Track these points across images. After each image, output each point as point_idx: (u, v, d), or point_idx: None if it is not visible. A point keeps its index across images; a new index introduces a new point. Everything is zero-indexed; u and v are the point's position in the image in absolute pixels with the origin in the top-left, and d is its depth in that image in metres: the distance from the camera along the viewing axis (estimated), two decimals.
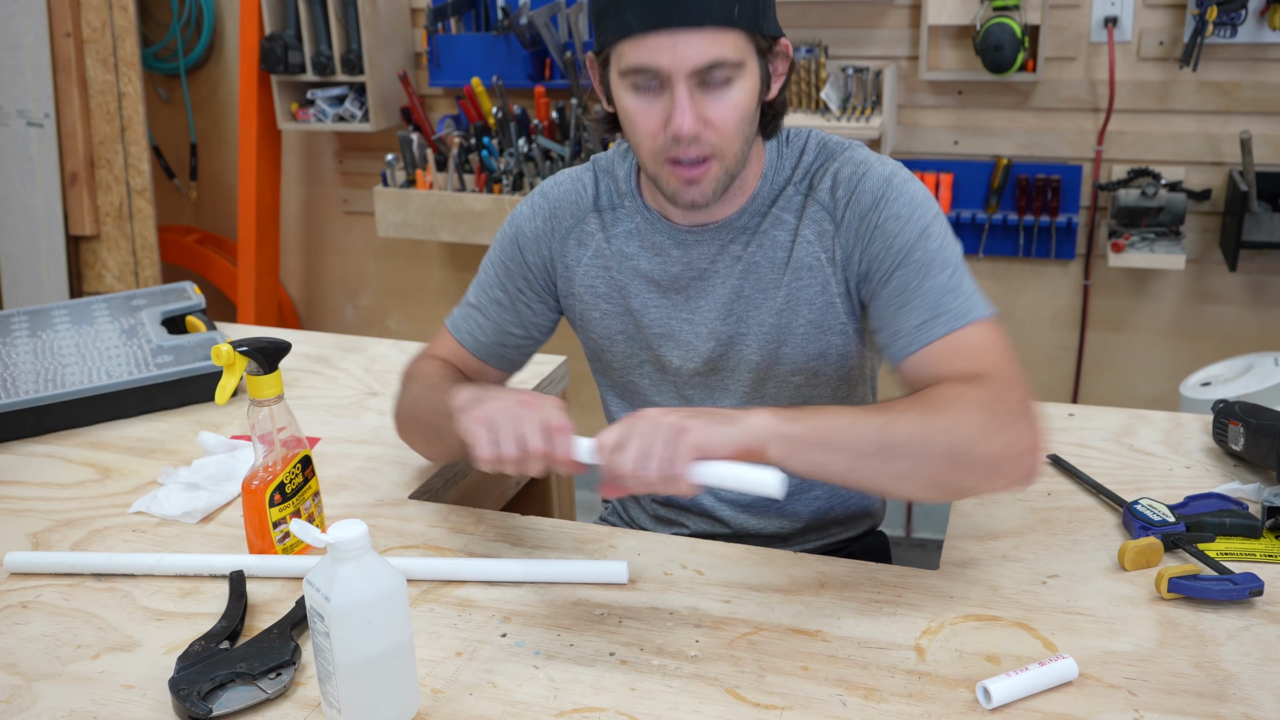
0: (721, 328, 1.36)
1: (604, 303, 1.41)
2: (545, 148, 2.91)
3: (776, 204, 1.34)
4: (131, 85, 3.20)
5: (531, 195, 1.45)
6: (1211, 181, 2.70)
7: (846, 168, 1.31)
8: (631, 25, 1.18)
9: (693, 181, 1.24)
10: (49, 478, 1.52)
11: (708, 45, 1.17)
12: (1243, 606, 1.14)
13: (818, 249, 1.31)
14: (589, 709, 1.03)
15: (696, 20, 1.16)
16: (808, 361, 1.36)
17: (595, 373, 1.51)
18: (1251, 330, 2.79)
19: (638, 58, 1.19)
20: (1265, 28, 2.53)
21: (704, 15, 1.16)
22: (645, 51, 1.18)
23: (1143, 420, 1.55)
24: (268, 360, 1.23)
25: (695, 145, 1.21)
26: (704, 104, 1.20)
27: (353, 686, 0.99)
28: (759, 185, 1.34)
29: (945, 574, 1.22)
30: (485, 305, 1.45)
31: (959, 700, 1.03)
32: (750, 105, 1.23)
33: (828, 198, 1.31)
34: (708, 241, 1.35)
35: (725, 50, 1.18)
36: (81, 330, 1.85)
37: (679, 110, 1.19)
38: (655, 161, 1.25)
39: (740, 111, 1.22)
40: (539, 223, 1.43)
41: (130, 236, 3.30)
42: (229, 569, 1.24)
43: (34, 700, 1.07)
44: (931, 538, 3.07)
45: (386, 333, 3.56)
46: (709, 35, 1.17)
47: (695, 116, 1.19)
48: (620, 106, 1.25)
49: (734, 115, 1.21)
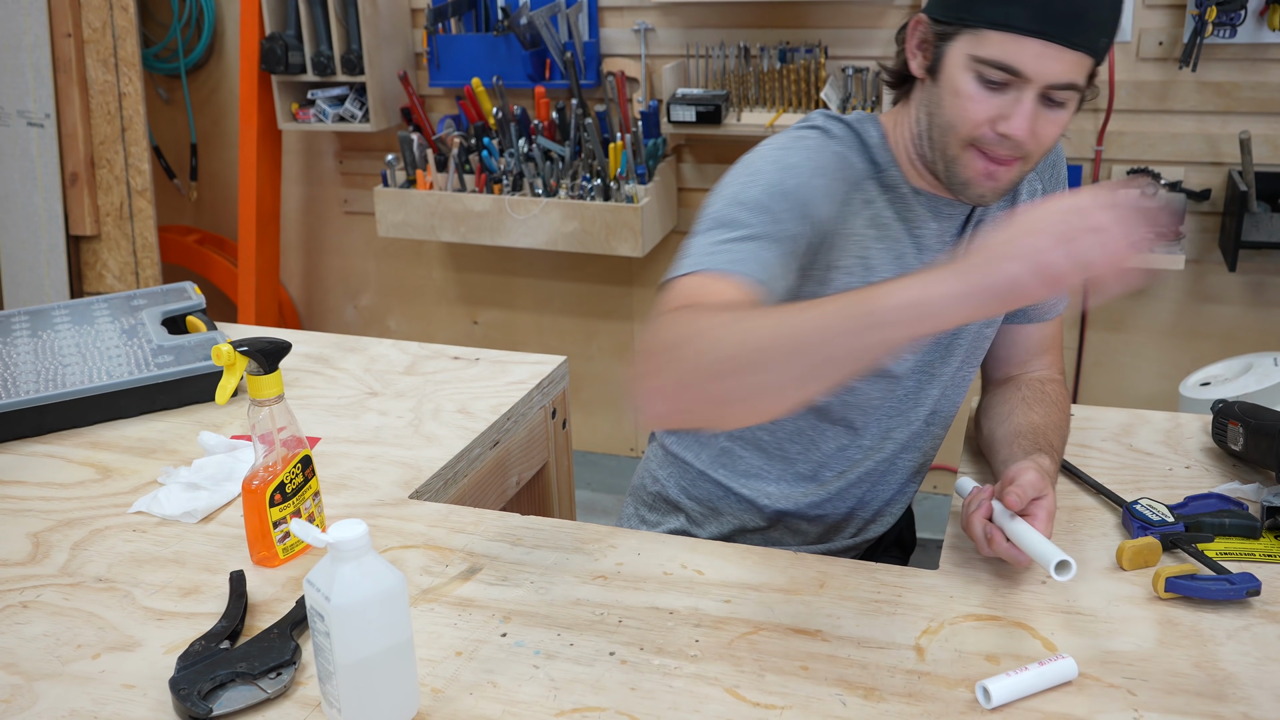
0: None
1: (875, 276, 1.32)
2: (545, 148, 2.91)
3: None
4: (132, 85, 3.20)
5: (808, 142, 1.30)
6: (1211, 181, 2.70)
7: None
8: (1015, 22, 1.18)
9: (993, 175, 1.27)
10: (49, 478, 1.52)
11: (1071, 67, 1.19)
12: (1242, 606, 1.14)
13: None
14: (589, 709, 1.04)
15: (1076, 44, 1.18)
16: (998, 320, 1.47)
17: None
18: (1251, 330, 2.79)
19: (1005, 55, 1.19)
20: (1265, 28, 2.53)
21: (1085, 41, 1.18)
22: (1017, 51, 1.19)
23: (1142, 420, 1.55)
24: (268, 360, 1.23)
25: (1015, 149, 1.24)
26: (1039, 117, 1.22)
27: (353, 686, 0.99)
28: None
29: (945, 574, 1.22)
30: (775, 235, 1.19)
31: (959, 700, 1.03)
32: (1068, 124, 1.26)
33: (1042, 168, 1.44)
34: (958, 216, 1.38)
35: (1079, 76, 1.21)
36: (82, 330, 1.85)
37: (1021, 116, 1.21)
38: (961, 143, 1.26)
39: (1061, 131, 1.25)
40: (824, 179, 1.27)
41: (130, 236, 3.30)
42: None
43: (34, 700, 1.07)
44: (931, 538, 3.07)
45: (386, 333, 3.56)
46: (1076, 58, 1.19)
47: (1032, 127, 1.22)
48: (950, 82, 1.24)
49: (1057, 134, 1.25)
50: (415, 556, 1.29)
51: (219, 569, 1.28)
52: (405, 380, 1.77)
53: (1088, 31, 1.18)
